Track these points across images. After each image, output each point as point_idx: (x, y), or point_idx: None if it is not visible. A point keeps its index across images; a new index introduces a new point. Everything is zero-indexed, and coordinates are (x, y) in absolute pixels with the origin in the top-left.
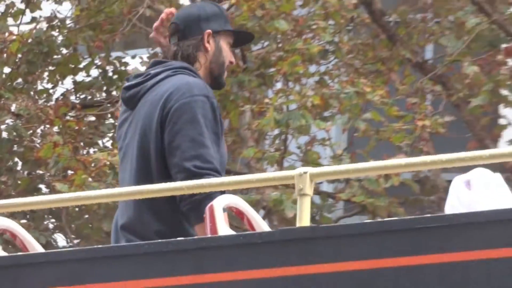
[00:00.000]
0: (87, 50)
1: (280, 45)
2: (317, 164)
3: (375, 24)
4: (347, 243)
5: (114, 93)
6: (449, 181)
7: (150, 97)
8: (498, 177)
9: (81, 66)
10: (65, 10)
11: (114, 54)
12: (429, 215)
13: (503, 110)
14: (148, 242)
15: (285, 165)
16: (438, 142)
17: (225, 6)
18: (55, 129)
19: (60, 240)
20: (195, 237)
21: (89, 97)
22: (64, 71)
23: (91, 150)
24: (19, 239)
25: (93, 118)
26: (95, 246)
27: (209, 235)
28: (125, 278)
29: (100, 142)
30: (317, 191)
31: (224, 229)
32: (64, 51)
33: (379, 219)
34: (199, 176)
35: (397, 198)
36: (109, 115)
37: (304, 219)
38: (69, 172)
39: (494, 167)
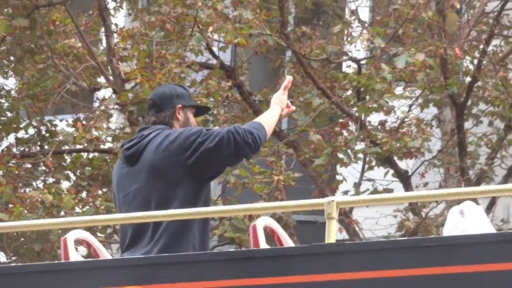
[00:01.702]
0: (27, 114)
1: None
2: None
3: (244, 102)
4: (366, 257)
5: (46, 147)
6: (298, 221)
7: (150, 149)
8: (481, 208)
9: (21, 126)
10: (11, 83)
11: (47, 118)
12: (432, 236)
13: (340, 169)
14: (209, 252)
15: None
16: (290, 191)
17: (132, 84)
18: (0, 173)
19: (1, 257)
20: (244, 249)
21: (27, 150)
22: (8, 129)
23: (27, 190)
24: (93, 248)
25: (29, 165)
26: (159, 255)
27: (253, 248)
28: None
29: (34, 183)
30: None
31: (263, 243)
32: (9, 114)
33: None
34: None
35: None
36: (41, 163)
37: (331, 237)
38: (10, 205)
39: None
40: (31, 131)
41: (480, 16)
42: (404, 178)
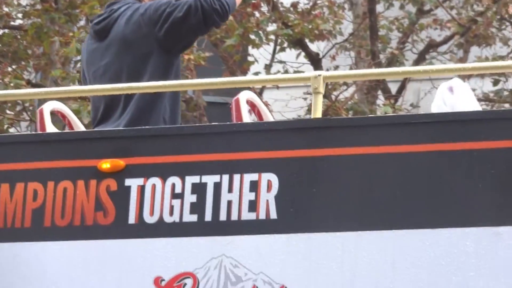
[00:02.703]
0: None
1: None
2: None
3: None
4: (354, 132)
5: None
6: (208, 102)
7: (120, 23)
8: (468, 85)
9: None
10: None
11: None
12: (424, 113)
13: (251, 50)
14: (189, 125)
15: None
16: (200, 71)
17: None
18: None
19: None
20: (229, 123)
21: None
22: None
23: None
24: (67, 119)
25: None
26: (142, 127)
27: (237, 122)
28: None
29: None
30: None
31: (247, 118)
32: None
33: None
34: None
35: None
36: None
37: (317, 112)
38: None
39: None
40: None
41: None
42: (315, 60)
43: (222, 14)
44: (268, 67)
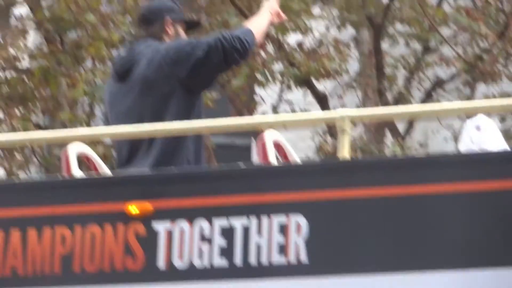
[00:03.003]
0: None
1: (89, 33)
2: None
3: None
4: (381, 173)
5: None
6: (217, 144)
7: (142, 63)
8: (493, 122)
9: None
10: None
11: None
12: (452, 153)
13: (258, 90)
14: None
15: (91, 126)
16: (208, 113)
17: (48, 1)
18: None
19: None
20: (257, 164)
21: None
22: None
23: None
24: (92, 162)
25: None
26: (170, 170)
27: (264, 164)
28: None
29: None
30: None
31: (273, 158)
32: None
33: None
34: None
35: None
36: None
37: (345, 152)
38: None
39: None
40: None
41: None
42: (322, 99)
43: (242, 52)
44: (275, 107)
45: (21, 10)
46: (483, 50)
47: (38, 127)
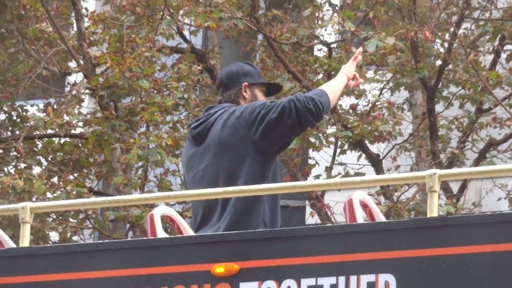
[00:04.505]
0: None
1: (143, 99)
2: (170, 190)
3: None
4: (472, 231)
5: (17, 132)
6: None
7: (217, 126)
8: None
9: None
10: None
11: (18, 103)
12: None
13: (311, 153)
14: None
15: (145, 190)
16: None
17: (102, 68)
18: None
19: None
20: (343, 223)
21: None
22: None
23: None
24: (176, 224)
25: (0, 151)
26: (255, 231)
27: (352, 223)
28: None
29: (5, 169)
30: None
31: (360, 218)
32: None
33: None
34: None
35: None
36: (12, 149)
37: (434, 211)
38: None
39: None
40: (2, 116)
41: None
42: (376, 161)
43: (316, 114)
44: (329, 170)
45: (76, 77)
46: None
47: (92, 191)
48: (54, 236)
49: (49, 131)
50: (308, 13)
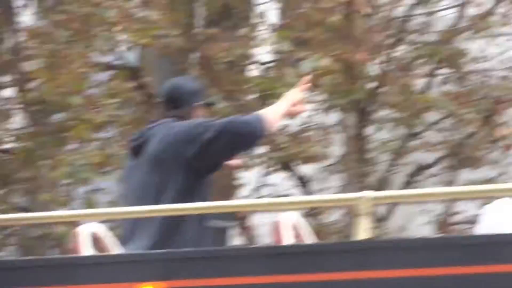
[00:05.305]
0: None
1: (74, 115)
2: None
3: (147, 104)
4: (399, 255)
5: None
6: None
7: (154, 141)
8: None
9: None
10: None
11: None
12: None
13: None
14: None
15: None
16: None
17: (36, 83)
18: None
19: None
20: (269, 245)
21: None
22: None
23: None
24: (103, 242)
25: None
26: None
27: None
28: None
29: None
30: None
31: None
32: None
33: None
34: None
35: None
36: None
37: (363, 234)
38: None
39: None
40: None
41: (388, 21)
42: (304, 183)
43: (249, 138)
44: (256, 191)
45: (8, 92)
46: (466, 136)
47: (18, 208)
48: None
49: None
50: (243, 32)
